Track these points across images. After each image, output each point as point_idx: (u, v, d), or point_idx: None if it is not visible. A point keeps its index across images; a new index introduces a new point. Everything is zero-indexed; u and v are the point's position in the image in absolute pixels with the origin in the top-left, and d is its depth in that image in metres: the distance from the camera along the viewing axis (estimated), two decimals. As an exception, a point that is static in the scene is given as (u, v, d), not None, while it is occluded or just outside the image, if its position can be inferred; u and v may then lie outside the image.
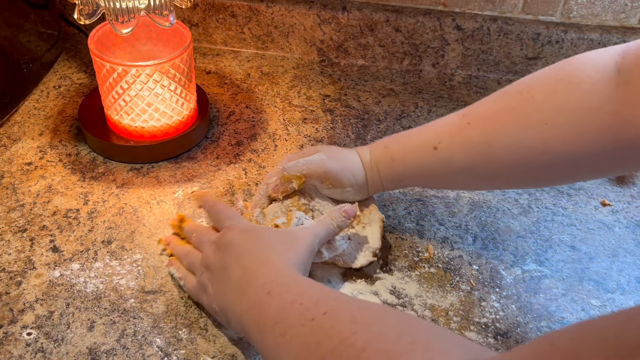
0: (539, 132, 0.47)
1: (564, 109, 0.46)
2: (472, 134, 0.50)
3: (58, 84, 0.78)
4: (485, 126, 0.49)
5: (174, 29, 0.66)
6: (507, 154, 0.49)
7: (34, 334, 0.50)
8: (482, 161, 0.50)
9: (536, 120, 0.47)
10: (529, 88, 0.49)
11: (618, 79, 0.44)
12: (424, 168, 0.53)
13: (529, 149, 0.48)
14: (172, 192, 0.64)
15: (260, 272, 0.45)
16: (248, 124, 0.74)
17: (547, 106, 0.47)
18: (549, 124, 0.47)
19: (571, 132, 0.46)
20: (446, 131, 0.52)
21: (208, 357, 0.49)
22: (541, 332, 0.52)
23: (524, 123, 0.48)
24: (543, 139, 0.47)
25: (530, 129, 0.47)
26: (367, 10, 0.81)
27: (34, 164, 0.66)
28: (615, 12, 0.81)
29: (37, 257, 0.56)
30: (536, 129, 0.47)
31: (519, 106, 0.48)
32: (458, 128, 0.51)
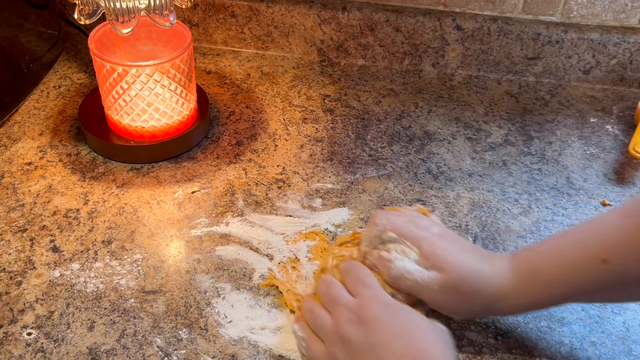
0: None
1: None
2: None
3: (58, 84, 0.78)
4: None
5: (174, 29, 0.66)
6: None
7: (34, 334, 0.50)
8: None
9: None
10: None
11: None
12: (587, 290, 0.44)
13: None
14: (172, 192, 0.64)
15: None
16: (248, 123, 0.74)
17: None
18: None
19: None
20: (613, 237, 0.41)
21: (208, 357, 0.49)
22: (541, 332, 0.52)
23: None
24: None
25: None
26: (367, 10, 0.82)
27: (34, 164, 0.66)
28: (615, 12, 0.81)
29: (37, 257, 0.56)
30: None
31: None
32: (628, 232, 0.40)
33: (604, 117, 0.78)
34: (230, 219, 0.61)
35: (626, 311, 0.54)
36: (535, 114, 0.78)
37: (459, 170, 0.69)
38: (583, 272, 0.42)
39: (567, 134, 0.75)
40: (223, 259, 0.57)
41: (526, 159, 0.71)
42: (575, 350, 0.51)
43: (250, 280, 0.55)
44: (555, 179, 0.68)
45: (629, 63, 0.81)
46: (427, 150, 0.71)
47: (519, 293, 0.45)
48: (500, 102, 0.80)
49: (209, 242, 0.58)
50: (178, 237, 0.59)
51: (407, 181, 0.67)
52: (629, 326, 0.53)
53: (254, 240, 0.59)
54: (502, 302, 0.45)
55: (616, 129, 0.76)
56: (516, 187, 0.67)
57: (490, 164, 0.70)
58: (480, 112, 0.78)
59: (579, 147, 0.73)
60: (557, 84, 0.84)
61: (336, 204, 0.63)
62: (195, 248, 0.58)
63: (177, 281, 0.55)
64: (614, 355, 0.51)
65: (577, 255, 0.42)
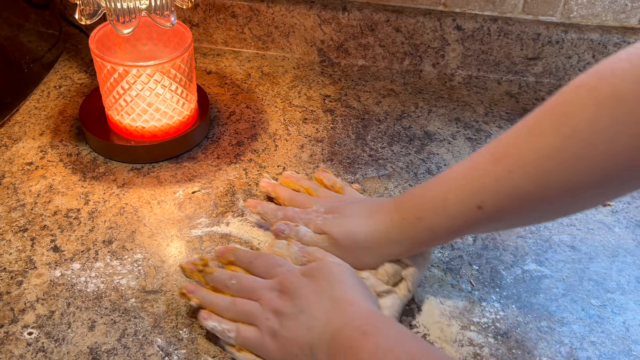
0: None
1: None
2: (517, 184, 0.43)
3: (59, 84, 0.78)
4: (529, 172, 0.42)
5: (175, 29, 0.66)
6: (563, 195, 0.42)
7: (35, 334, 0.50)
8: (533, 209, 0.44)
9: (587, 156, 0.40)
10: (566, 119, 0.40)
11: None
12: (469, 229, 0.48)
13: (583, 185, 0.42)
14: (172, 192, 0.64)
15: (350, 310, 0.44)
16: (248, 124, 0.74)
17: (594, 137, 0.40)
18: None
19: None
20: (485, 185, 0.44)
21: (209, 356, 0.49)
22: (541, 332, 0.52)
23: (573, 162, 0.41)
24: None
25: (581, 166, 0.41)
26: (367, 10, 0.82)
27: (35, 164, 0.66)
28: (615, 12, 0.81)
29: (38, 256, 0.56)
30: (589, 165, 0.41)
31: (563, 146, 0.41)
32: (499, 180, 0.44)
33: (604, 118, 0.78)
34: (231, 219, 0.61)
35: (626, 311, 0.54)
36: (535, 114, 0.78)
37: (459, 171, 0.69)
38: (463, 218, 0.46)
39: (567, 134, 0.75)
40: (223, 258, 0.57)
41: (526, 159, 0.71)
42: (575, 350, 0.51)
43: (251, 280, 0.55)
44: (555, 179, 0.68)
45: (629, 63, 0.81)
46: (427, 151, 0.71)
47: (405, 239, 0.49)
48: (501, 102, 0.80)
49: (209, 242, 0.58)
50: (178, 237, 0.59)
51: (407, 181, 0.67)
52: (629, 326, 0.53)
53: (254, 240, 0.59)
54: (390, 249, 0.50)
55: (616, 129, 0.76)
56: (516, 187, 0.67)
57: (491, 164, 0.70)
58: (480, 113, 0.78)
59: (579, 147, 0.73)
60: (557, 84, 0.84)
61: (336, 204, 0.63)
62: (196, 248, 0.58)
63: (178, 281, 0.55)
64: (614, 355, 0.51)
65: (456, 202, 0.46)
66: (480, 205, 0.44)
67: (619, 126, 0.38)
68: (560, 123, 0.41)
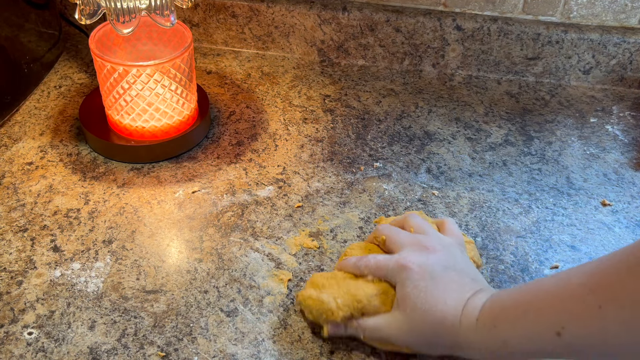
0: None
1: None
2: (607, 324, 0.38)
3: (59, 84, 0.78)
4: (623, 316, 0.37)
5: (175, 29, 0.66)
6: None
7: (35, 334, 0.50)
8: (621, 354, 0.39)
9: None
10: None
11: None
12: (544, 354, 0.43)
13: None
14: (172, 192, 0.64)
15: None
16: (248, 123, 0.74)
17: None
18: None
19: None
20: (572, 313, 0.40)
21: (209, 356, 0.49)
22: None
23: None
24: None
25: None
26: (367, 10, 0.82)
27: (35, 164, 0.66)
28: (615, 12, 0.81)
29: (38, 256, 0.56)
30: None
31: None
32: (587, 312, 0.39)
33: (604, 117, 0.78)
34: (231, 219, 0.61)
35: (626, 311, 0.54)
36: (535, 114, 0.78)
37: (459, 170, 0.69)
38: (539, 340, 0.42)
39: (567, 134, 0.75)
40: (224, 258, 0.57)
41: (526, 159, 0.71)
42: (575, 350, 0.51)
43: (251, 280, 0.55)
44: (555, 179, 0.68)
45: (629, 63, 0.81)
46: (427, 150, 0.71)
47: (480, 345, 0.45)
48: (500, 102, 0.80)
49: (209, 242, 0.58)
50: (178, 237, 0.59)
51: (407, 181, 0.67)
52: (629, 326, 0.53)
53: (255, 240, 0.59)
54: (463, 350, 0.46)
55: (616, 129, 0.77)
56: (516, 187, 0.67)
57: (491, 164, 0.70)
58: (480, 112, 0.78)
59: (579, 147, 0.73)
60: (557, 84, 0.84)
61: (336, 203, 0.63)
62: (196, 248, 0.58)
63: (178, 281, 0.55)
64: (614, 355, 0.51)
65: (536, 324, 0.42)
66: (559, 332, 0.40)
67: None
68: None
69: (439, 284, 0.46)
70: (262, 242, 0.59)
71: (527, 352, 0.43)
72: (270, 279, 0.55)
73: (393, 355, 0.50)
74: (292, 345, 0.50)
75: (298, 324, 0.52)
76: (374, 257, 0.50)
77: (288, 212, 0.62)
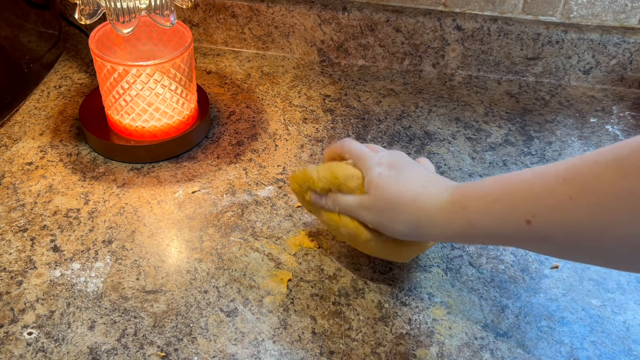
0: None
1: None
2: (576, 214, 0.39)
3: (59, 84, 0.78)
4: (593, 209, 0.38)
5: (175, 29, 0.66)
6: (622, 245, 0.38)
7: (35, 334, 0.50)
8: (588, 246, 0.40)
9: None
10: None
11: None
12: (510, 239, 0.45)
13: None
14: (172, 192, 0.64)
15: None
16: (248, 123, 0.74)
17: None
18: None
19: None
20: (542, 202, 0.41)
21: (208, 356, 0.49)
22: (541, 332, 0.52)
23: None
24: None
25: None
26: (367, 10, 0.82)
27: (35, 164, 0.66)
28: (615, 12, 0.81)
29: (38, 256, 0.56)
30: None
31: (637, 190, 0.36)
32: (558, 201, 0.40)
33: (604, 117, 0.78)
34: (231, 219, 0.61)
35: (626, 311, 0.54)
36: (535, 114, 0.78)
37: (459, 170, 0.69)
38: (507, 226, 0.43)
39: (567, 134, 0.75)
40: (224, 258, 0.57)
41: (526, 159, 0.71)
42: (576, 350, 0.51)
43: (251, 280, 0.55)
44: (555, 179, 0.68)
45: (629, 63, 0.81)
46: (427, 150, 0.71)
47: (443, 224, 0.47)
48: (500, 102, 0.80)
49: (209, 242, 0.58)
50: (178, 237, 0.59)
51: (408, 181, 0.67)
52: (629, 326, 0.53)
53: (255, 240, 0.59)
54: (422, 229, 0.48)
55: (616, 129, 0.77)
56: (516, 187, 0.67)
57: (491, 164, 0.70)
58: (480, 112, 0.78)
59: (579, 147, 0.73)
60: (557, 84, 0.84)
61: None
62: (196, 248, 0.58)
63: (178, 281, 0.55)
64: (614, 355, 0.51)
65: (507, 210, 0.43)
66: (529, 220, 0.41)
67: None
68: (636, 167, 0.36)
69: (402, 173, 0.50)
70: (262, 242, 0.59)
71: (491, 237, 0.45)
72: (270, 279, 0.55)
73: (393, 355, 0.50)
74: (292, 345, 0.50)
75: (298, 324, 0.52)
76: (359, 144, 0.54)
77: (288, 212, 0.62)
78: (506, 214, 0.42)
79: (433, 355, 0.50)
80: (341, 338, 0.51)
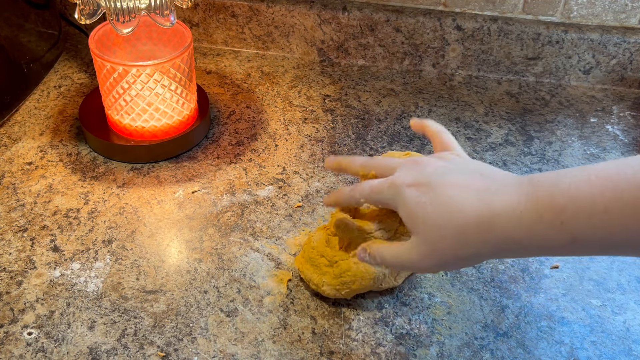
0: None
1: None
2: (610, 224, 0.36)
3: (58, 84, 0.78)
4: (628, 222, 0.35)
5: (175, 28, 0.66)
6: None
7: (35, 334, 0.50)
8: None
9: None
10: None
11: None
12: (621, 250, 0.39)
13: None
14: (172, 192, 0.64)
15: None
16: (248, 123, 0.74)
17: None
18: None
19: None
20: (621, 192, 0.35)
21: (208, 356, 0.49)
22: (541, 332, 0.52)
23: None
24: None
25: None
26: (367, 10, 0.82)
27: (35, 164, 0.66)
28: (615, 12, 0.81)
29: (38, 256, 0.56)
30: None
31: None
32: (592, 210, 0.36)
33: (604, 117, 0.78)
34: (231, 219, 0.61)
35: (626, 311, 0.54)
36: (536, 114, 0.78)
37: (459, 170, 0.68)
38: (626, 236, 0.36)
39: (567, 134, 0.75)
40: (224, 258, 0.57)
41: (526, 159, 0.71)
42: (576, 350, 0.51)
43: (251, 280, 0.55)
44: (555, 179, 0.68)
45: (629, 63, 0.81)
46: (428, 150, 0.71)
47: (534, 241, 0.38)
48: (501, 102, 0.80)
49: (209, 242, 0.58)
50: (178, 237, 0.59)
51: (408, 181, 0.67)
52: (629, 326, 0.53)
53: (255, 240, 0.59)
54: (502, 253, 0.40)
55: (616, 129, 0.77)
56: (516, 187, 0.67)
57: (491, 164, 0.70)
58: (480, 112, 0.78)
59: (579, 147, 0.73)
60: (557, 84, 0.84)
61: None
62: (196, 248, 0.58)
63: (178, 281, 0.55)
64: (615, 355, 0.51)
65: (624, 219, 0.35)
66: (606, 208, 0.35)
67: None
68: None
69: (443, 191, 0.40)
70: (262, 242, 0.59)
71: (606, 248, 0.38)
72: (270, 279, 0.55)
73: (393, 355, 0.50)
74: (292, 345, 0.50)
75: (298, 324, 0.52)
76: (368, 182, 0.45)
77: (288, 212, 0.62)
78: (625, 224, 0.35)
79: (433, 355, 0.50)
80: (341, 338, 0.51)
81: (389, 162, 0.46)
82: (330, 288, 0.52)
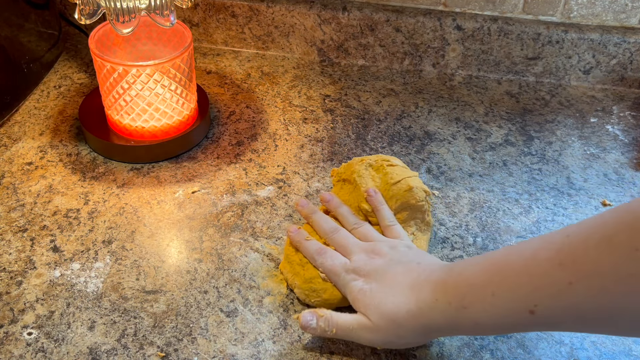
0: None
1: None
2: (579, 300, 0.38)
3: (58, 84, 0.78)
4: (595, 292, 0.37)
5: (175, 29, 0.66)
6: (633, 321, 0.37)
7: (35, 334, 0.50)
8: (596, 325, 0.39)
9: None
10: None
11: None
12: (517, 329, 0.45)
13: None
14: (172, 192, 0.64)
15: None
16: (248, 123, 0.74)
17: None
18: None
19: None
20: (542, 291, 0.39)
21: (208, 357, 0.49)
22: (541, 332, 0.52)
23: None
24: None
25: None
26: (367, 10, 0.82)
27: (35, 164, 0.66)
28: (615, 12, 0.81)
29: (38, 257, 0.56)
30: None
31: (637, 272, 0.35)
32: (558, 288, 0.38)
33: (604, 117, 0.78)
34: (231, 219, 0.61)
35: (626, 311, 0.54)
36: (536, 114, 0.78)
37: (459, 170, 0.69)
38: (512, 320, 0.41)
39: (567, 134, 0.75)
40: (224, 258, 0.57)
41: (526, 159, 0.71)
42: (576, 350, 0.51)
43: (251, 280, 0.55)
44: (555, 179, 0.68)
45: (629, 63, 0.81)
46: (428, 150, 0.71)
47: (448, 326, 0.45)
48: (501, 102, 0.80)
49: (209, 242, 0.58)
50: (178, 237, 0.59)
51: (408, 181, 0.67)
52: (629, 326, 0.53)
53: (255, 240, 0.59)
54: (429, 330, 0.46)
55: (616, 129, 0.77)
56: (516, 187, 0.67)
57: (491, 164, 0.70)
58: (480, 112, 0.78)
59: (579, 147, 0.73)
60: (557, 84, 0.84)
61: (336, 204, 0.63)
62: (196, 248, 0.58)
63: (178, 281, 0.55)
64: (614, 355, 0.51)
65: (506, 301, 0.41)
66: (532, 310, 0.39)
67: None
68: (635, 242, 0.35)
69: (385, 280, 0.48)
70: (262, 242, 0.59)
71: (500, 329, 0.44)
72: (270, 279, 0.55)
73: (393, 355, 0.50)
74: (292, 345, 0.50)
75: (298, 324, 0.52)
76: (330, 257, 0.52)
77: (288, 212, 0.62)
78: (508, 308, 0.41)
79: (433, 355, 0.50)
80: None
81: (347, 244, 0.53)
82: (300, 292, 0.53)
